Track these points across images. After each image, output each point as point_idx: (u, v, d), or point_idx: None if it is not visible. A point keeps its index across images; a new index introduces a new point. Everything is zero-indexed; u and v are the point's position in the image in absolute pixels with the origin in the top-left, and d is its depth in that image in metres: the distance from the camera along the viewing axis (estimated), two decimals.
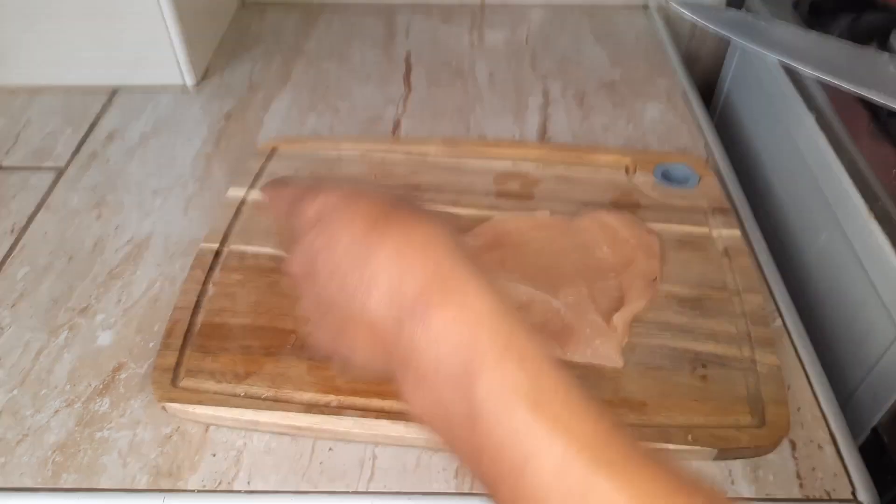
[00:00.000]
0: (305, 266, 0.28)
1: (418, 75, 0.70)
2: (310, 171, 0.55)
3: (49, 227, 0.53)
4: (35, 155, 0.60)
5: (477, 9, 0.81)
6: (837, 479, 0.38)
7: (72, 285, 0.48)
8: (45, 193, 0.56)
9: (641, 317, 0.44)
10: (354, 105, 0.66)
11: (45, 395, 0.42)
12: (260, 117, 0.64)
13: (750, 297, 0.45)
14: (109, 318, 0.46)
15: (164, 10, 0.63)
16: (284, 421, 0.39)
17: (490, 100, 0.66)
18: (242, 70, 0.71)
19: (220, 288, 0.46)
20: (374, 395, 0.40)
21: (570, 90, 0.67)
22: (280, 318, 0.44)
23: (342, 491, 0.38)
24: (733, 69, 0.73)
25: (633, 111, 0.64)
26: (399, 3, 0.82)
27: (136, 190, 0.57)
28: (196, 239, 0.51)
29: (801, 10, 0.64)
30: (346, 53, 0.74)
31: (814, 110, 0.54)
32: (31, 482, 0.38)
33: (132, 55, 0.66)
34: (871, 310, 0.46)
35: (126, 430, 0.40)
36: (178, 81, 0.68)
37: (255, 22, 0.79)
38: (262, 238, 0.49)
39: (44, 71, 0.67)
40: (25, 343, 0.45)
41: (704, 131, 0.62)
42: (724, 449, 0.38)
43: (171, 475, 0.38)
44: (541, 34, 0.76)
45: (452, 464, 0.39)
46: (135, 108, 0.66)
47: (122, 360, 0.44)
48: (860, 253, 0.47)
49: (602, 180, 0.54)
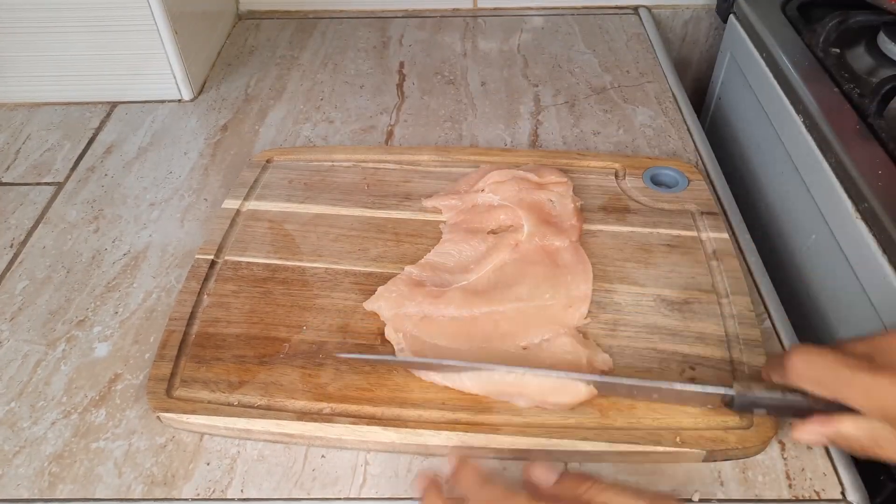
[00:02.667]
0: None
1: (411, 84, 0.71)
2: (304, 182, 0.56)
3: (47, 240, 0.54)
4: (34, 170, 0.61)
5: (469, 17, 0.82)
6: (827, 478, 0.38)
7: (69, 298, 0.49)
8: (43, 208, 0.57)
9: (630, 320, 0.44)
10: (348, 115, 0.67)
11: (42, 406, 0.43)
12: (256, 129, 0.65)
13: (738, 299, 0.45)
14: (106, 329, 0.47)
15: (160, 26, 0.64)
16: (277, 429, 0.39)
17: (482, 107, 0.67)
18: (238, 82, 0.72)
19: (215, 298, 0.47)
20: (365, 402, 0.40)
21: (562, 96, 0.68)
22: (273, 327, 0.45)
23: (335, 497, 0.38)
24: (724, 73, 0.73)
25: (624, 116, 0.65)
26: (392, 13, 0.83)
27: (134, 203, 0.58)
28: (192, 250, 0.52)
29: (789, 12, 0.65)
30: (340, 64, 0.74)
31: (802, 113, 0.55)
32: (27, 493, 0.38)
33: (130, 71, 0.67)
34: (860, 310, 0.46)
35: (121, 440, 0.41)
36: (175, 96, 0.69)
37: (251, 35, 0.80)
38: (256, 248, 0.50)
39: (43, 87, 0.68)
40: (24, 355, 0.45)
41: (694, 135, 0.62)
42: (713, 450, 0.38)
43: (165, 484, 0.38)
44: (532, 41, 0.77)
45: (443, 469, 0.39)
46: (132, 122, 0.67)
47: (119, 371, 0.44)
48: (848, 253, 0.47)
49: (592, 185, 0.55)
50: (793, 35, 0.62)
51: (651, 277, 0.47)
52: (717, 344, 0.43)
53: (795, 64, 0.58)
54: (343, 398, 0.41)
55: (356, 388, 0.41)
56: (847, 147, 0.49)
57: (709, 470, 0.38)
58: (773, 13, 0.65)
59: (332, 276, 0.48)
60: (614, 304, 0.45)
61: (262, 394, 0.41)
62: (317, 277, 0.48)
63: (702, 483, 0.38)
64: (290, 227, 0.52)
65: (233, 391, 0.41)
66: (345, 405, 0.40)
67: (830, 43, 0.59)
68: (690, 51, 0.86)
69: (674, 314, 0.45)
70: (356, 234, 0.51)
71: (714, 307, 0.45)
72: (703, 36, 0.85)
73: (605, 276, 0.47)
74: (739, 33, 0.68)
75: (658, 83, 0.69)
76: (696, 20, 0.83)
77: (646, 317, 0.44)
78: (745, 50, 0.66)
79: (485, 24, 0.81)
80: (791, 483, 0.38)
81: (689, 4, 0.82)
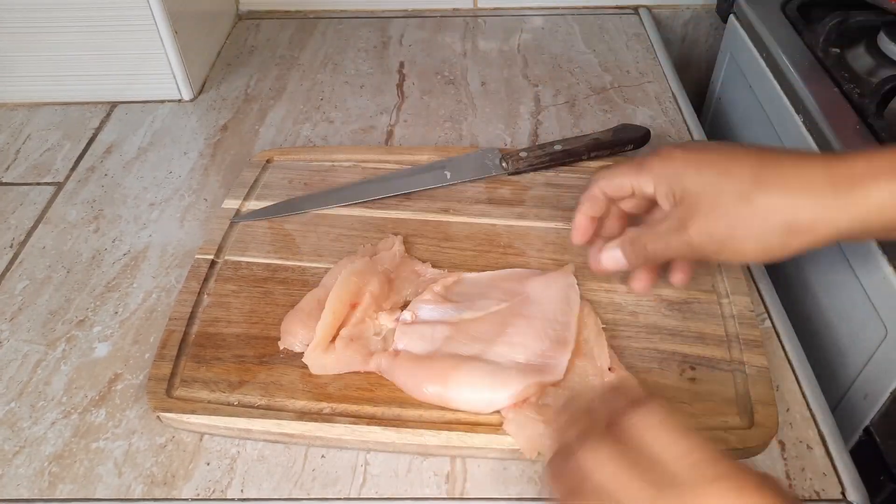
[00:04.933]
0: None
1: (411, 84, 0.71)
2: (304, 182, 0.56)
3: (48, 240, 0.54)
4: (34, 170, 0.61)
5: (469, 17, 0.82)
6: (827, 478, 0.38)
7: (69, 298, 0.49)
8: (43, 208, 0.57)
9: (630, 320, 0.44)
10: (348, 115, 0.67)
11: (42, 406, 0.43)
12: (255, 129, 0.65)
13: (738, 298, 0.45)
14: (106, 329, 0.47)
15: (160, 26, 0.64)
16: (277, 429, 0.39)
17: (482, 107, 0.67)
18: (238, 82, 0.72)
19: (215, 298, 0.47)
20: (365, 402, 0.40)
21: (562, 96, 0.68)
22: (273, 327, 0.45)
23: (335, 497, 0.38)
24: (724, 73, 0.73)
25: (624, 116, 0.65)
26: (392, 13, 0.83)
27: (134, 203, 0.58)
28: (192, 250, 0.52)
29: (789, 12, 0.65)
30: (340, 64, 0.74)
31: (802, 113, 0.55)
32: (27, 493, 0.38)
33: (130, 70, 0.67)
34: (860, 309, 0.46)
35: (121, 440, 0.41)
36: (175, 96, 0.69)
37: (251, 35, 0.80)
38: (256, 248, 0.50)
39: (43, 87, 0.68)
40: (24, 355, 0.45)
41: (694, 135, 0.62)
42: None
43: (165, 484, 0.38)
44: (532, 41, 0.77)
45: (443, 469, 0.39)
46: (132, 122, 0.67)
47: (119, 371, 0.44)
48: (848, 253, 0.47)
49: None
50: (793, 35, 0.62)
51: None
52: (717, 344, 0.43)
53: (795, 64, 0.58)
54: (343, 398, 0.41)
55: (356, 388, 0.41)
56: (847, 147, 0.49)
57: None
58: (773, 13, 0.65)
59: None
60: (614, 304, 0.45)
61: (262, 394, 0.41)
62: (317, 277, 0.48)
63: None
64: (290, 227, 0.52)
65: (233, 391, 0.41)
66: (345, 405, 0.40)
67: (830, 43, 0.59)
68: (690, 51, 0.86)
69: (674, 314, 0.45)
70: (356, 234, 0.51)
71: (714, 307, 0.45)
72: (703, 36, 0.85)
73: (606, 277, 0.47)
74: (739, 33, 0.68)
75: (658, 83, 0.69)
76: (696, 20, 0.83)
77: (646, 317, 0.44)
78: (745, 50, 0.66)
79: (485, 24, 0.81)
80: (791, 483, 0.38)
81: (689, 4, 0.82)
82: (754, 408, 0.39)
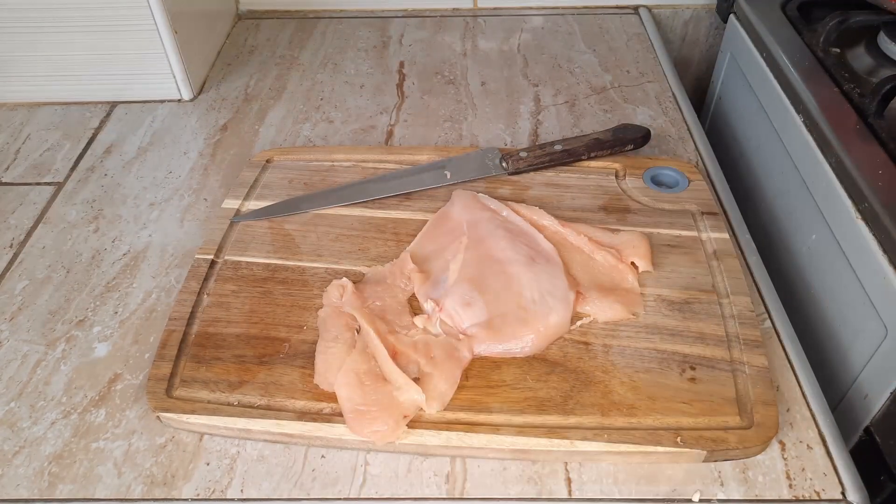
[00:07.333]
0: None
1: (411, 84, 0.71)
2: (304, 182, 0.56)
3: (47, 240, 0.54)
4: (34, 170, 0.61)
5: (469, 17, 0.82)
6: (827, 478, 0.38)
7: (69, 298, 0.49)
8: (43, 208, 0.57)
9: (630, 320, 0.44)
10: (348, 115, 0.67)
11: (42, 406, 0.42)
12: (255, 129, 0.65)
13: (738, 299, 0.45)
14: (106, 329, 0.47)
15: (160, 26, 0.64)
16: (277, 429, 0.39)
17: (482, 107, 0.67)
18: (238, 82, 0.72)
19: (215, 298, 0.47)
20: None
21: (562, 96, 0.68)
22: (273, 327, 0.45)
23: (335, 497, 0.38)
24: (724, 73, 0.73)
25: (624, 116, 0.65)
26: (392, 13, 0.83)
27: (133, 203, 0.58)
28: (192, 250, 0.52)
29: (789, 12, 0.65)
30: (340, 64, 0.74)
31: (802, 113, 0.55)
32: (27, 493, 0.38)
33: (129, 70, 0.67)
34: (860, 310, 0.46)
35: (121, 440, 0.41)
36: (174, 96, 0.69)
37: (251, 35, 0.80)
38: (256, 248, 0.50)
39: (43, 87, 0.68)
40: (23, 355, 0.45)
41: (694, 135, 0.62)
42: (713, 450, 0.38)
43: (165, 484, 0.38)
44: (532, 41, 0.77)
45: (443, 469, 0.39)
46: (132, 122, 0.67)
47: (118, 371, 0.44)
48: (848, 253, 0.47)
49: (592, 185, 0.55)
50: (793, 35, 0.62)
51: (651, 277, 0.47)
52: (717, 344, 0.43)
53: (795, 64, 0.58)
54: None
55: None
56: (847, 147, 0.49)
57: (709, 470, 0.38)
58: (773, 13, 0.65)
59: (332, 276, 0.48)
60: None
61: (262, 394, 0.41)
62: (317, 277, 0.48)
63: (702, 483, 0.38)
64: (290, 227, 0.52)
65: (233, 391, 0.41)
66: None
67: (830, 43, 0.59)
68: (690, 51, 0.86)
69: (674, 314, 0.45)
70: (356, 234, 0.51)
71: (714, 307, 0.45)
72: (703, 36, 0.85)
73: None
74: (739, 33, 0.68)
75: (658, 83, 0.69)
76: (696, 20, 0.83)
77: (646, 317, 0.44)
78: (745, 50, 0.66)
79: (485, 24, 0.81)
80: (791, 483, 0.38)
81: (689, 4, 0.82)
82: (754, 408, 0.39)
